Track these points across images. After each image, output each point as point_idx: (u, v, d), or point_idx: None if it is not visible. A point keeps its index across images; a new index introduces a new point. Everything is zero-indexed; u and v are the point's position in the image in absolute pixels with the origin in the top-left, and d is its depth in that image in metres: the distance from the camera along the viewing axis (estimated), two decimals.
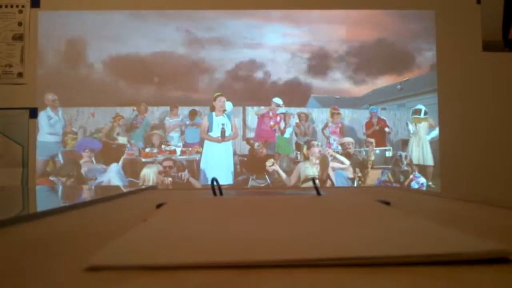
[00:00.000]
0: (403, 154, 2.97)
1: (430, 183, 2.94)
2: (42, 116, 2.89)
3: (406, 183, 2.93)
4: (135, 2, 2.98)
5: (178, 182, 2.89)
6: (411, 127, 3.00)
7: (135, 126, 2.97)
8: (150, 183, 2.83)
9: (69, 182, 2.86)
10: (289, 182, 2.93)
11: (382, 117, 3.05)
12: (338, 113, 3.01)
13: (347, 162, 2.92)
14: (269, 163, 2.93)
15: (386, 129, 3.02)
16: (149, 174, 2.88)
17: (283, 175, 2.94)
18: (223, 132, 2.92)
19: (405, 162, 2.95)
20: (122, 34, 2.98)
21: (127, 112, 2.98)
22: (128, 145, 2.95)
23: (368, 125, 3.03)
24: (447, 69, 2.96)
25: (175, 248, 0.29)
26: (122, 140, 2.95)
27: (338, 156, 2.93)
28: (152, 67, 2.98)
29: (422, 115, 2.99)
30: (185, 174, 2.89)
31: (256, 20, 3.03)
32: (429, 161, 2.96)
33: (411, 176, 2.94)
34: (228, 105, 2.98)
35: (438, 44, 2.99)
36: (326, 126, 3.03)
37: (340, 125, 3.02)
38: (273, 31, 3.03)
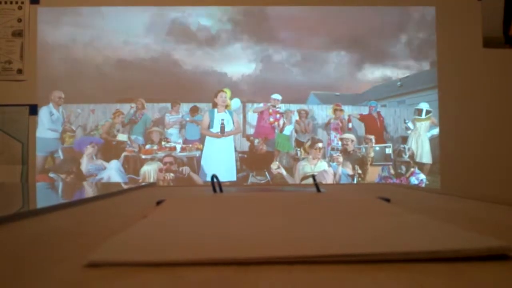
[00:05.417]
0: (406, 146, 2.97)
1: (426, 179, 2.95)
2: (44, 111, 2.88)
3: (407, 175, 2.93)
4: None
5: (179, 177, 2.88)
6: (410, 124, 3.00)
7: (134, 121, 2.97)
8: (151, 180, 2.83)
9: (68, 178, 2.86)
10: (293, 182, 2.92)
11: (381, 112, 3.04)
12: (341, 110, 3.01)
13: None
14: (274, 165, 2.94)
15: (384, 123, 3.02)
16: (150, 171, 2.88)
17: (287, 176, 2.94)
18: (222, 127, 2.92)
19: (407, 154, 2.95)
20: (123, 31, 2.97)
21: (126, 108, 2.97)
22: (128, 142, 2.95)
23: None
24: (447, 65, 2.96)
25: (174, 245, 0.29)
26: (122, 137, 2.94)
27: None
28: (152, 65, 2.97)
29: (423, 116, 2.98)
30: (185, 169, 2.89)
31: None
32: (427, 159, 2.96)
33: (412, 169, 2.94)
34: (236, 102, 2.97)
35: (439, 40, 2.98)
36: (329, 122, 3.03)
37: (342, 122, 3.02)
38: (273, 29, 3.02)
